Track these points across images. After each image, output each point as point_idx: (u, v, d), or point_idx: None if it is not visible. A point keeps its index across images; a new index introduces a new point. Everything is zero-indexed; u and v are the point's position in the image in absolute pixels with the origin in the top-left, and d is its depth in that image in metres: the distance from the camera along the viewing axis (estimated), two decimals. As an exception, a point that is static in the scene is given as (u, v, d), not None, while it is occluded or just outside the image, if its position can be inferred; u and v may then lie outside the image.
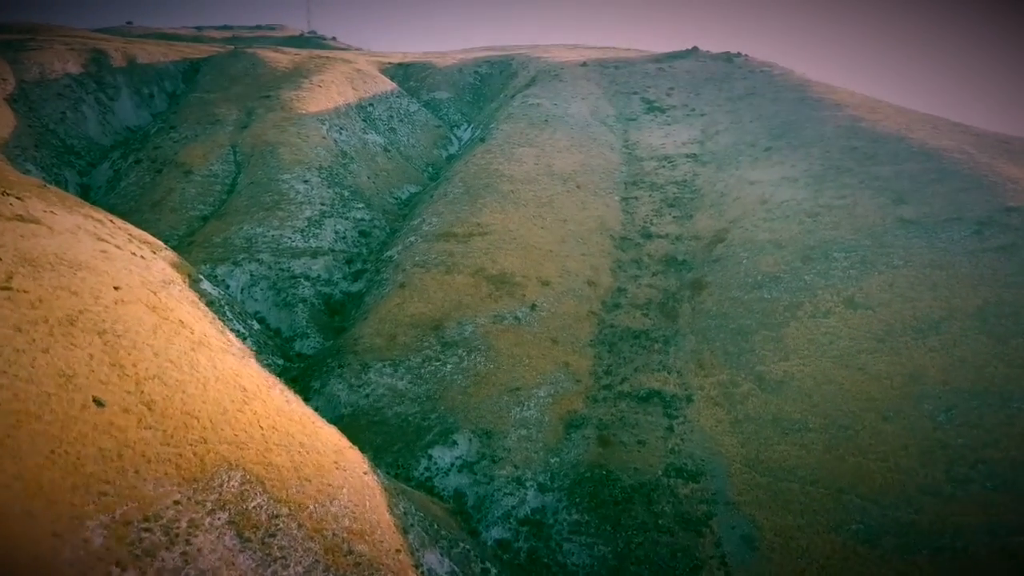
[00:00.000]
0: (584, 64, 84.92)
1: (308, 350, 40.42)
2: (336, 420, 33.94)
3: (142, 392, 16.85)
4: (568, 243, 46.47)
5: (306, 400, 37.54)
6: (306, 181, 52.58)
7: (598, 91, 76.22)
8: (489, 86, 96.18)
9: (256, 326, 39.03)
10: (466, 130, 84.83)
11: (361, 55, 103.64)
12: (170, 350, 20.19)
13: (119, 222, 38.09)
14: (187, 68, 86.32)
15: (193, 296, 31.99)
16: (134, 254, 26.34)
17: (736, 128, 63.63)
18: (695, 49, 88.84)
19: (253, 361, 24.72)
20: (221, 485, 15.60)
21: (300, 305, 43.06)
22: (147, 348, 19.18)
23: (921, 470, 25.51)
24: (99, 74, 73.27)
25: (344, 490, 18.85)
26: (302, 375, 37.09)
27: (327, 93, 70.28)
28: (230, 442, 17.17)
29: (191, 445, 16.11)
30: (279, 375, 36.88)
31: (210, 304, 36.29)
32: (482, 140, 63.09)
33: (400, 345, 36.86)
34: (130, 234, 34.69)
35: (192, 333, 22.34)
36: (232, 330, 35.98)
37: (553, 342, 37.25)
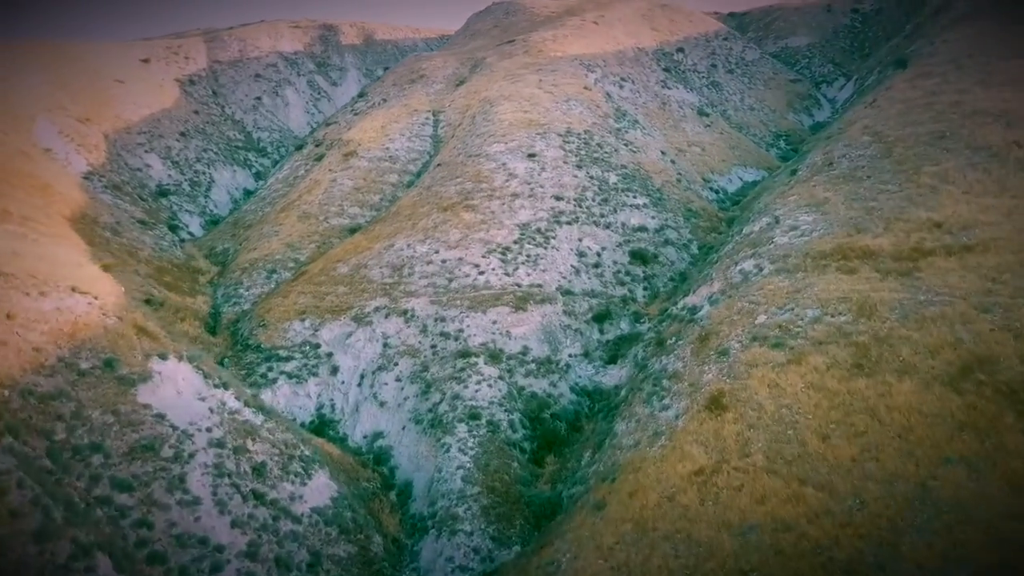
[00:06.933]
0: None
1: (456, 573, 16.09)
2: None
3: None
4: None
5: None
6: (532, 155, 29.23)
7: None
8: (877, 25, 64.55)
9: (334, 489, 16.13)
10: (843, 86, 55.40)
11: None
12: None
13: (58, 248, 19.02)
14: (441, 44, 71.82)
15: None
16: None
17: None
18: None
19: None
20: None
21: (462, 426, 19.39)
22: None
23: None
24: (324, 53, 60.45)
25: None
26: None
27: (606, 32, 47.09)
28: None
29: None
30: None
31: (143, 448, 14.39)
32: (901, 65, 33.50)
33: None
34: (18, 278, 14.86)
35: None
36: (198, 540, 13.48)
37: None
